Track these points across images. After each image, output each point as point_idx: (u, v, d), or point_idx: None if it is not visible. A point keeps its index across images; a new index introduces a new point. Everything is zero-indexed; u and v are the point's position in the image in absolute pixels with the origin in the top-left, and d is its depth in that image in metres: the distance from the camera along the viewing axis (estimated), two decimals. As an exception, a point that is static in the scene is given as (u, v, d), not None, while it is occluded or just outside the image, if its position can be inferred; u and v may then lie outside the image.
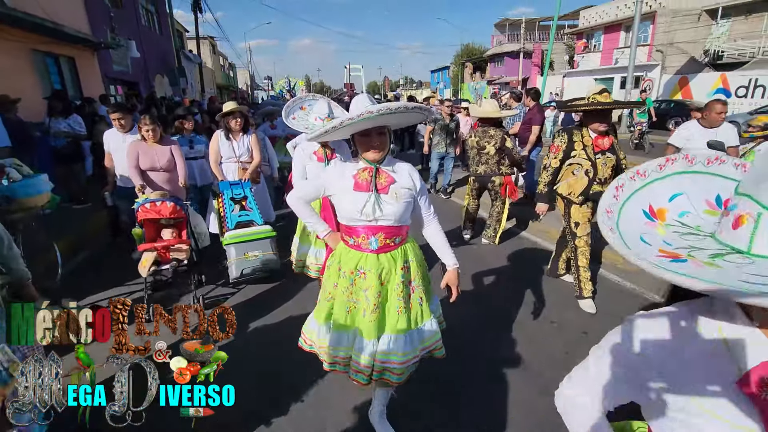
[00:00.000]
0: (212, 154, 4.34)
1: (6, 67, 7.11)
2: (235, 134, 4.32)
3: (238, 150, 4.35)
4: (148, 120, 3.82)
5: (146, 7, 16.34)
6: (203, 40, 22.56)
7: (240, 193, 4.10)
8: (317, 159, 2.97)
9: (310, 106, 3.30)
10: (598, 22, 25.44)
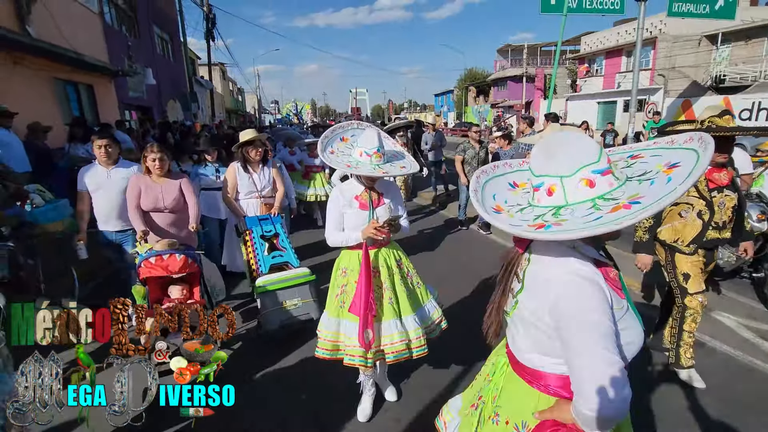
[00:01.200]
0: (228, 187, 3.85)
1: (30, 94, 7.35)
2: (254, 166, 3.88)
3: (260, 183, 3.89)
4: (156, 148, 3.21)
5: (161, 36, 16.91)
6: (214, 66, 23.22)
7: (271, 230, 3.63)
8: (359, 206, 2.22)
9: (353, 137, 2.37)
10: (599, 48, 25.96)
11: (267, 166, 3.99)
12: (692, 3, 14.51)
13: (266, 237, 3.59)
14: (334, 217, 2.26)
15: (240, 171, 3.87)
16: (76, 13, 9.36)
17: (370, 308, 2.08)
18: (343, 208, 2.25)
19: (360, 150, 2.20)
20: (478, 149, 6.11)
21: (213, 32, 19.06)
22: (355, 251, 2.25)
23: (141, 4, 14.20)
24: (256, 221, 3.62)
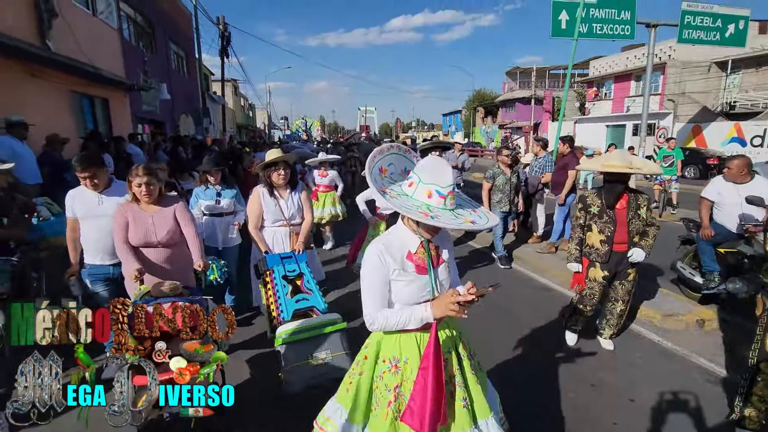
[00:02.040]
0: (252, 217, 3.45)
1: (47, 106, 7.45)
2: (281, 190, 3.45)
3: (288, 210, 3.47)
4: (142, 170, 2.64)
5: (177, 52, 17.27)
6: (227, 83, 23.63)
7: (294, 270, 3.16)
8: (416, 269, 1.58)
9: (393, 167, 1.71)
10: (608, 72, 26.13)
11: (296, 191, 3.54)
12: (702, 30, 14.59)
13: (289, 278, 3.11)
14: (378, 289, 1.55)
15: (265, 196, 3.40)
16: (95, 28, 9.57)
17: (443, 417, 1.47)
18: (393, 274, 1.54)
19: (428, 189, 1.48)
20: (509, 175, 5.46)
21: (227, 50, 19.44)
22: (412, 333, 1.60)
23: (159, 22, 14.55)
24: (278, 260, 3.17)
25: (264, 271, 3.13)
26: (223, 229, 4.00)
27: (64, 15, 7.77)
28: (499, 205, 5.47)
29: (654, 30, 14.69)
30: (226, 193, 4.02)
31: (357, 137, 21.57)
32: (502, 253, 5.67)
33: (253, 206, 3.45)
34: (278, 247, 3.46)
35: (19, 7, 6.75)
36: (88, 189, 2.86)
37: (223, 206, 3.98)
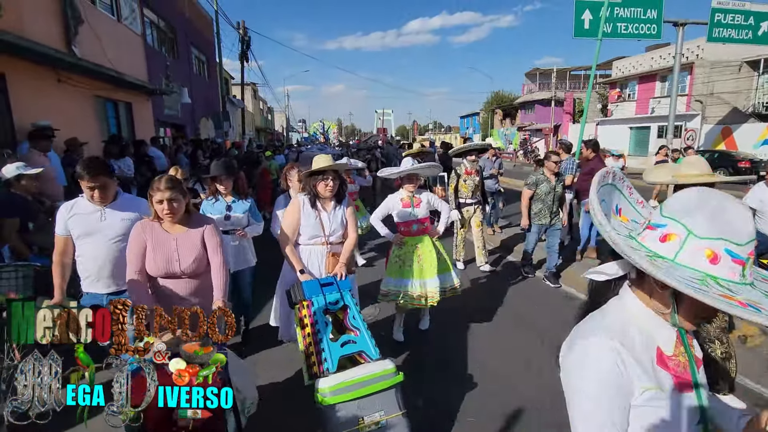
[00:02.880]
0: (287, 230, 2.90)
1: (72, 111, 7.61)
2: (325, 203, 2.95)
3: (329, 225, 2.93)
4: (164, 184, 2.17)
5: (199, 57, 17.57)
6: (246, 86, 23.94)
7: (337, 300, 2.59)
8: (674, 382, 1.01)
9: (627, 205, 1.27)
10: (631, 73, 25.48)
11: (341, 205, 3.01)
12: (733, 28, 14.03)
13: (332, 311, 2.58)
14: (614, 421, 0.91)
15: (306, 207, 2.91)
16: (120, 34, 9.77)
17: None
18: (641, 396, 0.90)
19: (711, 248, 0.85)
20: (554, 183, 4.96)
21: (247, 54, 19.68)
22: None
23: (181, 27, 14.82)
24: (317, 288, 2.57)
25: (299, 301, 2.54)
26: (236, 249, 3.45)
27: (89, 21, 7.94)
28: (537, 217, 5.00)
29: (682, 29, 14.22)
30: (238, 206, 3.47)
31: (374, 140, 21.55)
32: (550, 270, 5.19)
33: (290, 218, 2.92)
34: (313, 268, 2.91)
35: (47, 15, 6.92)
36: (93, 201, 2.43)
37: (234, 222, 3.44)
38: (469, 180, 5.49)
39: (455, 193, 5.52)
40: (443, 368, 3.35)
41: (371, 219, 3.80)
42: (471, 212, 5.61)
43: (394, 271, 3.66)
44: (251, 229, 3.57)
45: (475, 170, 5.55)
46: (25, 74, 6.34)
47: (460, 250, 5.77)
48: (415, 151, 7.25)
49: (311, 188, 2.90)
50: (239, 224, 3.47)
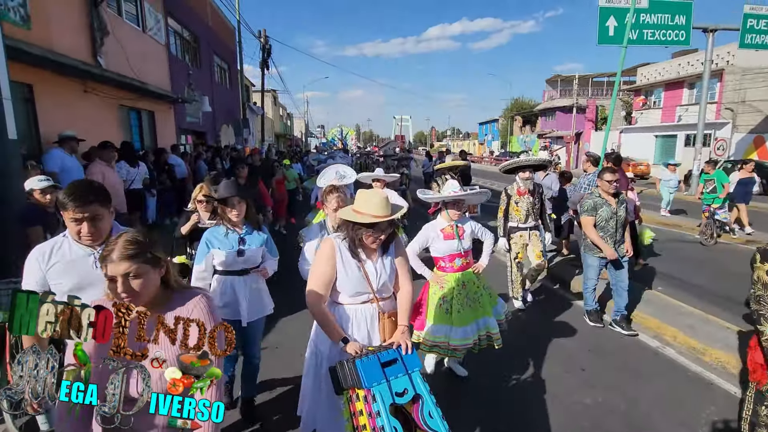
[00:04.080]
0: (318, 284, 2.08)
1: (96, 119, 7.80)
2: (368, 250, 2.13)
3: (376, 279, 2.13)
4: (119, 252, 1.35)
5: (220, 65, 17.91)
6: (267, 93, 24.29)
7: (405, 390, 1.80)
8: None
9: None
10: (657, 79, 24.80)
11: (389, 252, 2.20)
12: (767, 35, 13.50)
13: (399, 404, 1.77)
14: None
15: (343, 255, 2.09)
16: (144, 44, 10.01)
17: None
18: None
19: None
20: (615, 207, 4.10)
21: (268, 62, 19.97)
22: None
23: (204, 36, 15.13)
24: (379, 372, 1.79)
25: (349, 387, 1.78)
26: (251, 294, 2.75)
27: (115, 33, 8.14)
28: (597, 248, 4.16)
29: (712, 35, 13.79)
30: (252, 240, 2.77)
31: (392, 146, 21.49)
32: (592, 306, 4.45)
33: (322, 266, 2.08)
34: (359, 334, 2.11)
35: (74, 28, 7.12)
36: (81, 241, 1.80)
37: (249, 259, 2.73)
38: (522, 202, 4.65)
39: (505, 218, 4.75)
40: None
41: (408, 251, 2.87)
42: (525, 239, 4.67)
43: (440, 317, 3.09)
44: (270, 266, 2.92)
45: (528, 190, 4.66)
46: (52, 85, 6.51)
47: (517, 287, 4.77)
48: (450, 165, 6.23)
49: (356, 238, 2.05)
50: (253, 262, 2.77)
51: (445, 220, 3.22)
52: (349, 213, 2.06)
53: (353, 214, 2.03)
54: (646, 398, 3.07)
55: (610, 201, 4.13)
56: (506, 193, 4.80)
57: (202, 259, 2.69)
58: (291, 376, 3.26)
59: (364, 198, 2.06)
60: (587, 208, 4.19)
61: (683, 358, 3.72)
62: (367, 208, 2.01)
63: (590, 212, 4.16)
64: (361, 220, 1.98)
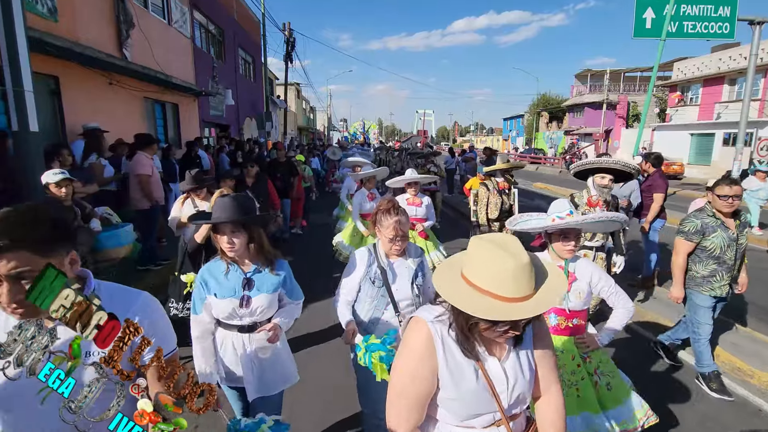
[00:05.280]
0: (404, 399, 1.24)
1: (121, 112, 7.89)
2: (491, 344, 1.37)
3: (507, 390, 1.26)
4: None
5: (245, 58, 18.00)
6: (290, 86, 24.36)
7: None
8: None
9: None
10: (695, 75, 23.61)
11: (524, 342, 1.36)
12: (820, 27, 12.54)
13: None
14: None
15: (448, 353, 1.23)
16: (170, 37, 10.07)
17: None
18: None
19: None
20: (733, 231, 3.10)
21: (292, 55, 19.97)
22: None
23: (229, 29, 15.19)
24: None
25: None
26: (261, 361, 2.00)
27: (140, 25, 8.19)
28: (710, 284, 3.13)
29: (759, 27, 12.92)
30: (263, 281, 1.96)
31: (414, 141, 21.17)
32: (710, 368, 3.24)
33: (407, 376, 1.26)
34: None
35: (100, 20, 7.18)
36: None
37: (256, 309, 1.94)
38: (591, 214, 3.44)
39: None
40: None
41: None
42: None
43: None
44: (286, 314, 2.05)
45: (603, 201, 3.62)
46: (77, 77, 6.59)
47: None
48: (504, 168, 5.22)
49: (472, 330, 1.23)
50: (263, 314, 1.96)
51: (551, 258, 2.23)
52: (459, 289, 1.15)
53: (468, 291, 1.13)
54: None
55: (727, 223, 3.08)
56: (572, 201, 3.65)
57: (200, 306, 1.94)
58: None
59: (487, 262, 1.11)
60: (690, 229, 3.13)
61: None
62: (498, 282, 1.09)
63: (692, 236, 3.11)
64: (488, 314, 1.07)
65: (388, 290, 2.16)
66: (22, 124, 3.81)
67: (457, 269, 1.22)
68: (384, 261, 2.19)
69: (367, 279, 2.19)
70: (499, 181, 5.19)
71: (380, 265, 2.18)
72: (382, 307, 2.19)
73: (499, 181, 5.20)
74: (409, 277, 2.19)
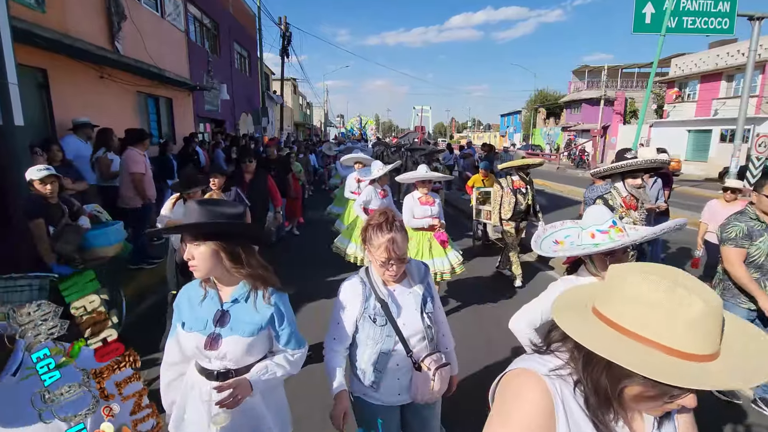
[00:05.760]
0: None
1: (113, 106, 7.72)
2: (631, 409, 0.96)
3: None
4: None
5: (240, 52, 17.77)
6: (286, 81, 24.12)
7: None
8: None
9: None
10: (693, 71, 23.56)
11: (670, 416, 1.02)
12: (819, 23, 12.49)
13: None
14: None
15: (571, 420, 0.86)
16: (163, 30, 9.88)
17: None
18: None
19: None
20: None
21: (288, 49, 19.74)
22: None
23: (224, 23, 14.97)
24: None
25: None
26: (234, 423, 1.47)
27: (133, 18, 8.01)
28: (748, 295, 2.87)
29: (758, 23, 12.88)
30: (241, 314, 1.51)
31: (411, 137, 21.02)
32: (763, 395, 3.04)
33: None
34: None
35: (90, 11, 7.00)
36: None
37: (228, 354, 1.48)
38: (627, 218, 3.18)
39: None
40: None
41: None
42: None
43: None
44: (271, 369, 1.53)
45: (635, 203, 3.23)
46: (67, 70, 6.42)
47: None
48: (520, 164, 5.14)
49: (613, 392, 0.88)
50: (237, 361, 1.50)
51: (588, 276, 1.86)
52: (608, 337, 0.82)
53: (626, 343, 0.80)
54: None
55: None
56: (607, 204, 3.22)
57: (173, 332, 1.60)
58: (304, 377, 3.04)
59: (663, 304, 0.78)
60: (735, 234, 2.81)
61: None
62: (684, 333, 0.77)
63: (740, 242, 2.80)
64: (675, 379, 0.74)
65: (394, 327, 1.73)
66: (7, 118, 3.68)
67: (584, 304, 0.91)
68: (383, 291, 1.75)
69: (365, 317, 1.74)
70: (514, 180, 5.10)
71: (379, 297, 1.73)
72: (389, 348, 1.73)
73: (515, 179, 5.09)
74: (417, 306, 1.78)
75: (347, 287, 1.79)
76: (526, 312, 1.85)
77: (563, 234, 2.01)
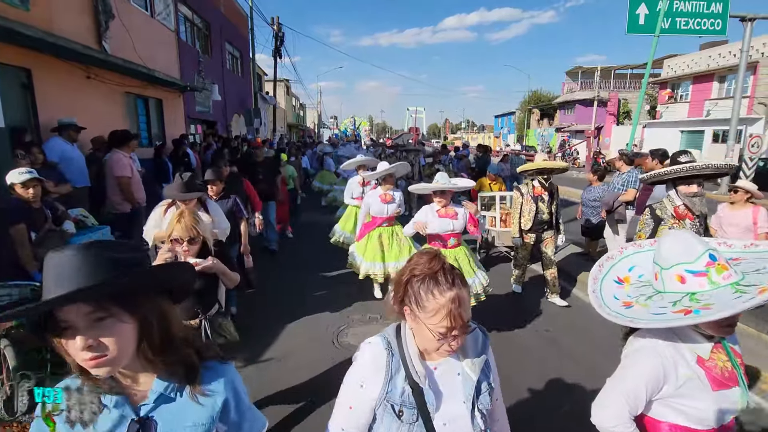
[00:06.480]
0: None
1: (100, 107, 7.53)
2: None
3: None
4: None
5: (232, 53, 17.58)
6: (279, 83, 23.95)
7: None
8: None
9: None
10: (685, 72, 23.75)
11: None
12: (810, 24, 12.62)
13: None
14: None
15: None
16: (153, 30, 9.70)
17: None
18: None
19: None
20: None
21: (281, 50, 19.58)
22: None
23: (215, 23, 14.79)
24: None
25: None
26: None
27: (121, 17, 7.83)
28: None
29: (750, 24, 12.97)
30: (172, 416, 0.94)
31: (405, 139, 20.90)
32: None
33: None
34: None
35: (77, 10, 6.82)
36: None
37: None
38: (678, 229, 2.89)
39: None
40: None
41: None
42: None
43: None
44: None
45: (700, 213, 3.03)
46: (52, 70, 6.23)
47: None
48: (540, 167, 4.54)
49: None
50: None
51: None
52: None
53: None
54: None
55: None
56: (654, 214, 3.05)
57: None
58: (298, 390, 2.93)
59: None
60: None
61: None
62: None
63: None
64: None
65: (428, 426, 1.13)
66: (-14, 119, 3.52)
67: None
68: (419, 369, 1.15)
69: (386, 405, 1.15)
70: (534, 186, 4.52)
71: (412, 378, 1.14)
72: None
73: (535, 185, 4.52)
74: (466, 395, 1.16)
75: (367, 355, 1.20)
76: (607, 405, 1.34)
77: (627, 265, 1.41)
